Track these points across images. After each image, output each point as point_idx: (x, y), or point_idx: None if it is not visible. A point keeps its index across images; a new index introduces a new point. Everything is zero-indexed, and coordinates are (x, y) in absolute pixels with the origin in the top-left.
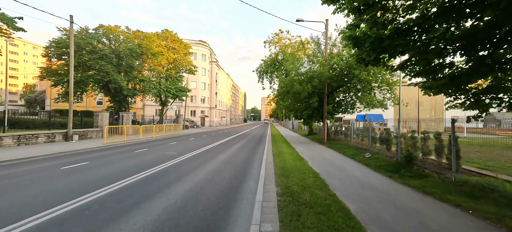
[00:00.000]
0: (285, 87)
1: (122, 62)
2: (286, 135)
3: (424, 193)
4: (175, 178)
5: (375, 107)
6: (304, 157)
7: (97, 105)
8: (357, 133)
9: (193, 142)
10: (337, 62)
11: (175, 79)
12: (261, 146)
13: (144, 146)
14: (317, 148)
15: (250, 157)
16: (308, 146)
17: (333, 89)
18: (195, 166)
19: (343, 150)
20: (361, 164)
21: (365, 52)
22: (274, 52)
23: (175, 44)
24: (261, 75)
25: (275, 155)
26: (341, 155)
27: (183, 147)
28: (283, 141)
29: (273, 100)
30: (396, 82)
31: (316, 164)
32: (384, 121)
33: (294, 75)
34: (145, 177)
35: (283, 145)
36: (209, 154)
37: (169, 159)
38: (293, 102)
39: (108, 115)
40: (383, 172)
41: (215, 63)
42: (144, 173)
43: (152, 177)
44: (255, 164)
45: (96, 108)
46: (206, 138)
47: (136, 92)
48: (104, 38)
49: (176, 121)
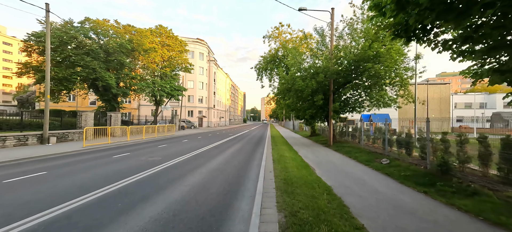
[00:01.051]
0: (286, 84)
1: (111, 58)
2: (286, 136)
3: (488, 222)
4: (140, 199)
5: (387, 106)
6: (310, 164)
7: (90, 105)
8: (367, 134)
9: (185, 144)
10: (346, 54)
11: (171, 77)
12: (259, 149)
13: (128, 150)
14: (323, 152)
15: (247, 164)
16: (312, 149)
17: (339, 85)
18: (177, 176)
19: (353, 154)
20: (380, 173)
21: (415, 15)
22: (274, 48)
23: (169, 41)
24: (260, 73)
25: (276, 161)
26: (353, 161)
27: (172, 151)
28: (284, 143)
29: (273, 99)
30: (411, 77)
31: (326, 173)
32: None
33: (296, 70)
34: (100, 196)
35: (284, 148)
36: (199, 160)
37: (148, 167)
38: (295, 100)
39: (93, 115)
40: (413, 185)
41: (213, 62)
42: (104, 190)
43: (111, 197)
44: (252, 173)
45: (90, 108)
46: (201, 140)
47: (125, 91)
48: (92, 33)
49: (172, 121)
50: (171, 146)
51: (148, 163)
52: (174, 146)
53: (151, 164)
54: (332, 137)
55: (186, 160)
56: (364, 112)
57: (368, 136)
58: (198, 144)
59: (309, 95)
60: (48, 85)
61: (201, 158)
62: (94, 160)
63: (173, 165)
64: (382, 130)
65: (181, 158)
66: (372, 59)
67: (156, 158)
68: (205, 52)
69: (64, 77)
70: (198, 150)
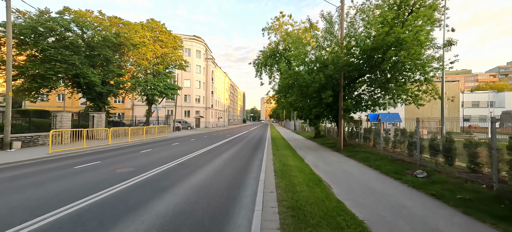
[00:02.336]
0: (288, 79)
1: (94, 53)
2: (288, 138)
3: None
4: None
5: (413, 103)
6: (323, 177)
7: (81, 105)
8: (386, 137)
9: (174, 149)
10: (361, 41)
11: (164, 75)
12: (258, 154)
13: (101, 157)
14: (334, 159)
15: (240, 179)
16: (320, 154)
17: (351, 79)
18: (139, 202)
19: (373, 162)
20: (423, 193)
21: None
22: (274, 41)
23: (162, 36)
24: (259, 69)
25: (279, 173)
26: (376, 172)
27: (153, 159)
28: (286, 146)
29: (273, 98)
30: (438, 69)
31: (349, 195)
32: (401, 120)
33: (300, 62)
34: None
35: (288, 154)
36: (181, 171)
37: (106, 186)
38: (298, 97)
39: (70, 116)
40: (488, 219)
41: (211, 60)
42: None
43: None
44: (246, 195)
45: (81, 108)
46: (194, 143)
47: (111, 89)
48: (75, 26)
49: (166, 122)
50: (156, 152)
51: (111, 178)
52: (159, 152)
53: (114, 179)
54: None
55: (164, 172)
56: (380, 110)
57: (387, 139)
58: (188, 148)
59: (315, 91)
60: (9, 80)
61: (185, 169)
62: (47, 172)
63: (144, 181)
64: (407, 133)
65: (158, 169)
66: (393, 47)
67: (126, 170)
68: (202, 49)
69: (39, 74)
70: (185, 156)
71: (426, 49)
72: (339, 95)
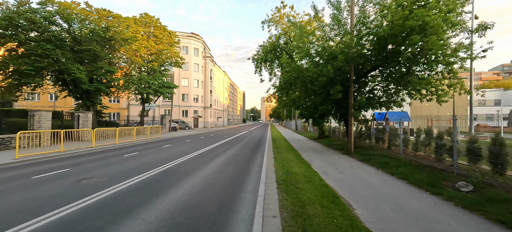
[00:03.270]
0: (291, 73)
1: (81, 47)
2: (290, 138)
3: None
4: None
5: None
6: (338, 191)
7: (75, 105)
8: (406, 138)
9: (163, 152)
10: (375, 28)
11: (159, 73)
12: (257, 158)
13: (75, 162)
14: (346, 164)
15: (235, 193)
16: (328, 158)
17: (362, 73)
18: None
19: (396, 169)
20: (485, 218)
21: None
22: (274, 34)
23: (157, 32)
24: (259, 64)
25: (282, 185)
26: (403, 183)
27: (135, 164)
28: (288, 148)
29: (274, 96)
30: (465, 59)
31: (377, 218)
32: (410, 120)
33: (304, 54)
34: None
35: (291, 157)
36: (162, 182)
37: (59, 205)
38: (302, 94)
39: (50, 115)
40: None
41: (209, 58)
42: None
43: None
44: (239, 220)
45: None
46: (189, 144)
47: (100, 87)
48: (60, 19)
49: (161, 122)
50: (142, 155)
51: (67, 194)
52: (145, 155)
53: (71, 196)
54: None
55: (138, 185)
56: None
57: (406, 140)
58: (180, 150)
59: (321, 86)
60: None
61: (168, 179)
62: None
63: (104, 201)
64: (432, 134)
65: (134, 179)
66: (415, 33)
67: (94, 181)
68: (200, 47)
69: (17, 69)
70: (174, 161)
71: (456, 34)
72: (349, 91)
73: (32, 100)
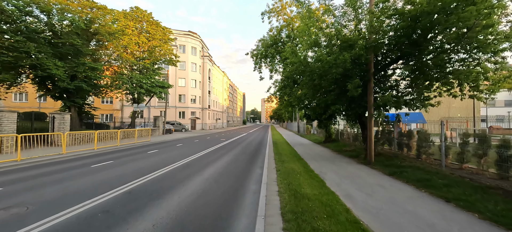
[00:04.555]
0: (297, 64)
1: (60, 41)
2: (293, 142)
3: None
4: None
5: (486, 94)
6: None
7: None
8: (448, 146)
9: (144, 160)
10: (407, 2)
11: (151, 71)
12: (255, 169)
13: (19, 178)
14: (371, 180)
15: None
16: (344, 170)
17: (384, 64)
18: None
19: (445, 190)
20: None
21: None
22: (276, 26)
23: (149, 27)
24: (258, 60)
25: (291, 223)
26: (474, 218)
27: (96, 181)
28: (292, 155)
29: (275, 95)
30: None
31: None
32: (425, 122)
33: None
34: None
35: (297, 169)
36: (115, 216)
37: None
38: (309, 91)
39: (15, 116)
40: None
41: (207, 58)
42: None
43: None
44: None
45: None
46: (178, 150)
47: (80, 84)
48: (37, 9)
49: (154, 124)
50: (115, 165)
51: None
52: (118, 165)
53: None
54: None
55: (74, 221)
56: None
57: (452, 148)
58: (164, 158)
59: (333, 81)
60: None
61: (125, 209)
62: None
63: None
64: (489, 141)
65: (77, 208)
66: (467, 3)
67: (9, 214)
68: (198, 46)
69: None
70: (148, 176)
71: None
72: (368, 87)
73: (20, 101)
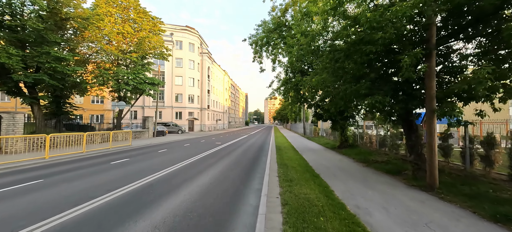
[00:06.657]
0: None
1: (16, 23)
2: (300, 147)
3: None
4: None
5: None
6: None
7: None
8: None
9: (102, 175)
10: None
11: (140, 67)
12: (251, 194)
13: None
14: (457, 230)
15: None
16: (396, 202)
17: (450, 32)
18: None
19: None
20: None
21: None
22: (279, 7)
23: (136, 16)
24: (258, 49)
25: None
26: None
27: (9, 212)
28: (304, 170)
29: (278, 91)
30: None
31: None
32: (472, 124)
33: (331, 13)
34: None
35: (317, 201)
36: None
37: None
38: (330, 77)
39: None
40: None
41: (206, 55)
42: None
43: None
44: None
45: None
46: (158, 157)
47: (42, 77)
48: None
49: (144, 125)
50: (47, 185)
51: None
52: (50, 187)
53: None
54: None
55: None
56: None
57: None
58: (121, 175)
59: (367, 61)
60: None
61: None
62: None
63: None
64: None
65: None
66: None
67: None
68: (196, 42)
69: None
70: (78, 207)
71: None
72: (430, 65)
73: (2, 100)
